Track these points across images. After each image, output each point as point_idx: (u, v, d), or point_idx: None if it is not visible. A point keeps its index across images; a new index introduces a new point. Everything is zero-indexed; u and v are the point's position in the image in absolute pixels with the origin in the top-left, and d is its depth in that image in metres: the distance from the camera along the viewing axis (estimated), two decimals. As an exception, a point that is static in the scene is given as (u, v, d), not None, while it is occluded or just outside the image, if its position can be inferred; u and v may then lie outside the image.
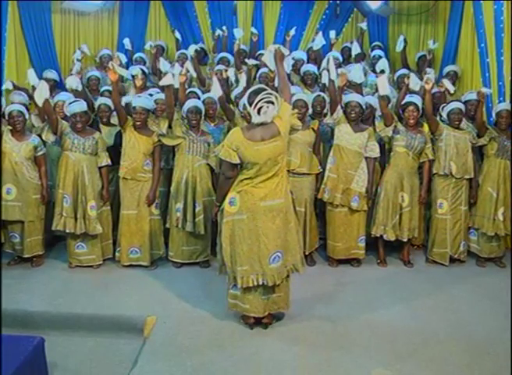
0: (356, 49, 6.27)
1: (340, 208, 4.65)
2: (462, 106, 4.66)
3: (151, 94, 5.00)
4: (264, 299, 3.49)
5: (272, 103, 3.19)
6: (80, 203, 4.51)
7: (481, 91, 4.71)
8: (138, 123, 4.50)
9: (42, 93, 4.29)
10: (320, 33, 6.39)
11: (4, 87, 5.46)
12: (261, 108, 3.17)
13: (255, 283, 3.38)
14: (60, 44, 6.97)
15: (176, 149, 4.63)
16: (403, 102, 4.69)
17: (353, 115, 4.52)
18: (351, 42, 6.60)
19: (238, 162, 3.29)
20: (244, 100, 4.48)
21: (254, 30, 6.67)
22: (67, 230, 4.53)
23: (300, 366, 3.21)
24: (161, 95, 5.02)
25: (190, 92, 5.08)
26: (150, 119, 4.76)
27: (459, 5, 6.09)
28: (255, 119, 3.22)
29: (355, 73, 4.84)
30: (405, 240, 4.72)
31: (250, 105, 3.21)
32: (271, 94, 3.20)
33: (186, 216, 4.56)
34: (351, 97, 4.58)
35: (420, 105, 4.58)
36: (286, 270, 3.43)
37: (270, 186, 3.29)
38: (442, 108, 4.76)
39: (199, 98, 4.89)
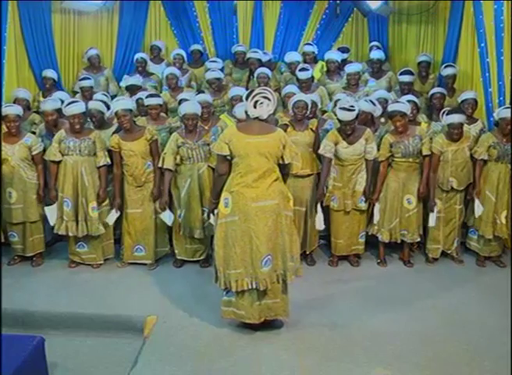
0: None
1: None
2: (462, 119, 4.52)
3: (141, 99, 5.02)
4: (259, 305, 3.45)
5: (269, 99, 3.27)
6: (80, 205, 4.50)
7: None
8: (126, 126, 4.44)
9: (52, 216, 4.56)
10: None
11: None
12: (257, 101, 3.24)
13: (249, 287, 3.35)
14: (60, 44, 6.95)
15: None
16: (389, 110, 4.55)
17: (348, 131, 4.41)
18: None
19: (227, 153, 3.31)
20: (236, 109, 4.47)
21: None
22: (70, 234, 4.52)
23: (300, 365, 3.21)
24: (155, 100, 4.94)
25: (181, 100, 4.94)
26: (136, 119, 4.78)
27: (459, 5, 6.08)
28: (251, 112, 3.27)
29: None
30: (418, 240, 4.73)
31: (247, 100, 3.28)
32: (267, 91, 3.31)
33: (195, 223, 4.54)
34: (344, 116, 4.31)
35: (406, 110, 4.44)
36: (276, 275, 3.39)
37: (262, 186, 3.29)
38: (443, 113, 4.62)
39: None
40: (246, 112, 3.37)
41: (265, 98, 3.26)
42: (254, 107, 3.26)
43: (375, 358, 3.28)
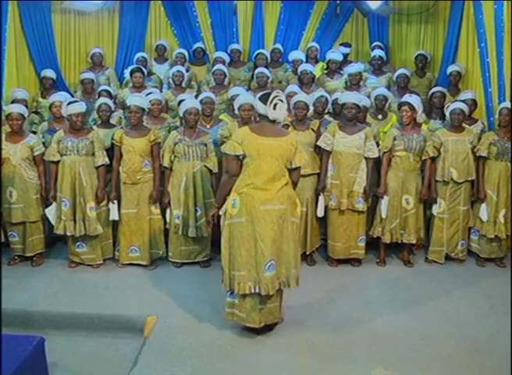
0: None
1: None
2: (464, 106, 4.61)
3: (151, 93, 5.02)
4: (260, 309, 3.43)
5: (283, 102, 3.33)
6: (78, 205, 4.50)
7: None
8: (133, 121, 4.49)
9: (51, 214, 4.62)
10: None
11: None
12: (276, 104, 3.27)
13: (252, 291, 3.34)
14: (60, 44, 6.97)
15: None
16: (399, 102, 4.72)
17: (349, 115, 4.51)
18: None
19: (241, 153, 3.30)
20: (238, 102, 4.48)
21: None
22: (68, 233, 4.53)
23: (300, 365, 3.21)
24: (157, 96, 5.01)
25: (181, 101, 4.92)
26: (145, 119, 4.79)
27: (459, 5, 6.09)
28: (272, 114, 3.29)
29: None
30: (413, 242, 4.72)
31: (265, 104, 3.29)
32: (281, 93, 3.37)
33: (189, 221, 4.55)
34: (347, 98, 4.54)
35: (415, 104, 4.54)
36: (278, 283, 3.39)
37: (272, 190, 3.29)
38: (447, 108, 4.73)
39: None
40: (260, 114, 3.37)
41: (281, 100, 3.31)
42: (274, 109, 3.28)
43: (375, 358, 3.28)
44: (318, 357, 3.30)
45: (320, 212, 4.69)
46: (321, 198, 4.65)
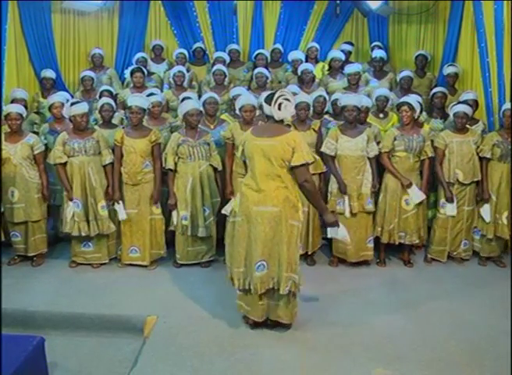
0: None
1: None
2: (468, 109, 4.59)
3: (152, 93, 5.01)
4: (261, 304, 3.46)
5: (289, 100, 3.30)
6: (90, 205, 4.51)
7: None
8: (134, 122, 4.49)
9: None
10: None
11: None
12: (280, 104, 3.26)
13: (246, 288, 3.40)
14: (60, 44, 6.96)
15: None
16: (397, 102, 4.72)
17: (350, 118, 4.50)
18: None
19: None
20: (240, 103, 4.46)
21: None
22: (83, 234, 4.52)
23: (300, 365, 3.21)
24: (157, 97, 5.00)
25: (184, 98, 4.92)
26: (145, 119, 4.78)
27: (459, 5, 6.09)
28: (277, 114, 3.28)
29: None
30: (416, 242, 4.72)
31: (270, 104, 3.27)
32: (287, 92, 3.35)
33: (198, 222, 4.55)
34: (347, 100, 4.50)
35: (414, 104, 4.55)
36: (272, 282, 3.38)
37: (266, 191, 3.28)
38: (451, 107, 4.73)
39: None
40: (267, 115, 3.36)
41: (287, 99, 3.28)
42: (279, 109, 3.27)
43: (375, 358, 3.28)
44: (319, 357, 3.29)
45: (347, 213, 4.56)
46: (346, 198, 4.53)
